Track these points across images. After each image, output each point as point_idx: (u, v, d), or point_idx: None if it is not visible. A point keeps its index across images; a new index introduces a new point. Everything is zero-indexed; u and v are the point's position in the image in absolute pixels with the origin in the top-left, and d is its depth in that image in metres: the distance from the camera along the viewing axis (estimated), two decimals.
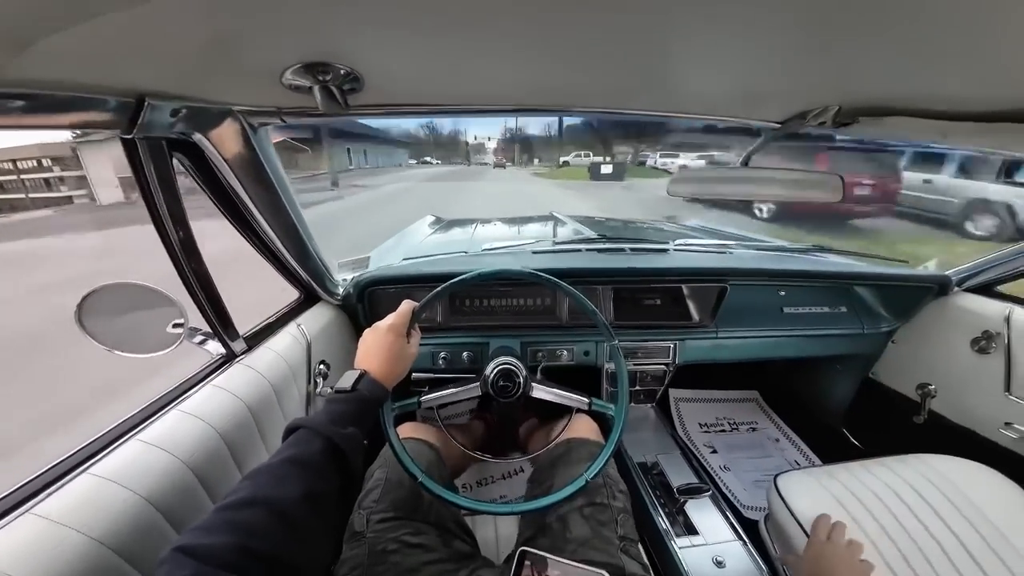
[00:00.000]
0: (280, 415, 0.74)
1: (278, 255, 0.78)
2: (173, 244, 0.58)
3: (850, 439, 1.35)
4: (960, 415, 1.08)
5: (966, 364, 1.06)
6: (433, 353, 1.05)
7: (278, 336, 0.81)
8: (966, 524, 0.73)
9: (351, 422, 0.48)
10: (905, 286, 1.13)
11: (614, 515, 0.68)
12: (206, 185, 0.63)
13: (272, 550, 0.33)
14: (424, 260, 1.17)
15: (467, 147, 71.62)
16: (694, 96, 0.64)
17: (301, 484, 0.38)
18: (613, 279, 1.06)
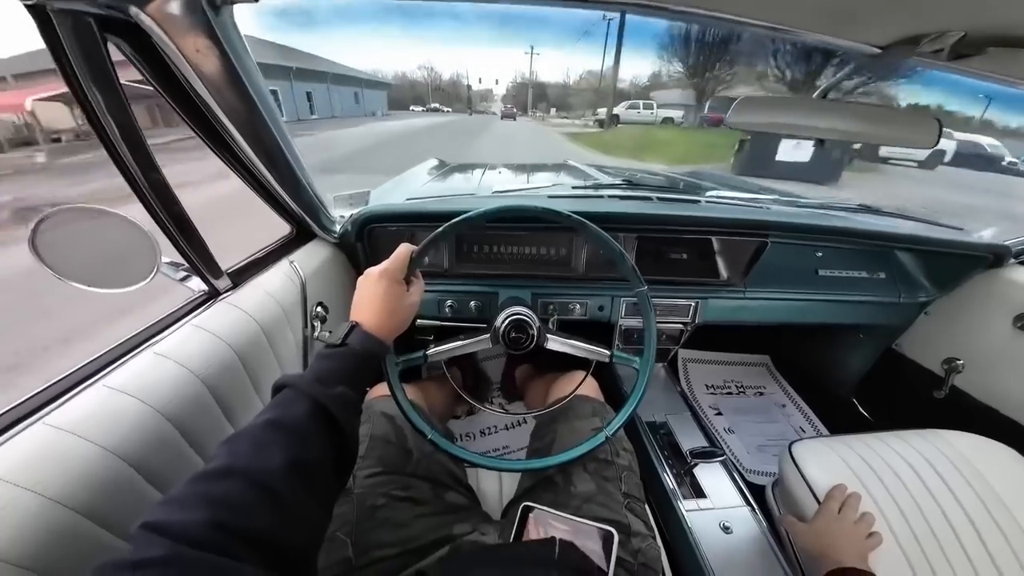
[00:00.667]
0: (274, 361, 0.68)
1: (262, 180, 0.67)
2: (123, 158, 0.47)
3: (860, 410, 1.34)
4: (985, 393, 1.05)
5: (1003, 341, 1.00)
6: (439, 300, 0.98)
7: (268, 273, 0.72)
8: (978, 503, 0.72)
9: (340, 380, 0.42)
10: (956, 254, 1.03)
11: (618, 472, 0.66)
12: (158, 83, 0.50)
13: (253, 526, 0.28)
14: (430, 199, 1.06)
15: (469, 92, 60.05)
16: (799, 3, 0.49)
17: (284, 452, 0.33)
18: (638, 227, 0.95)
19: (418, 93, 64.44)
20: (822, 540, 0.67)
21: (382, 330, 0.49)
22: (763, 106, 0.66)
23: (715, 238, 0.99)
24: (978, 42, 0.49)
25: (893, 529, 0.69)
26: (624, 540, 0.56)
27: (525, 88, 76.51)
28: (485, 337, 0.72)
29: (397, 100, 58.53)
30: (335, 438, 0.39)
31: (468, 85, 61.55)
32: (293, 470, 0.33)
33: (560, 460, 0.63)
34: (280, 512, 0.30)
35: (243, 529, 0.28)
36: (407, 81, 79.07)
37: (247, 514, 0.29)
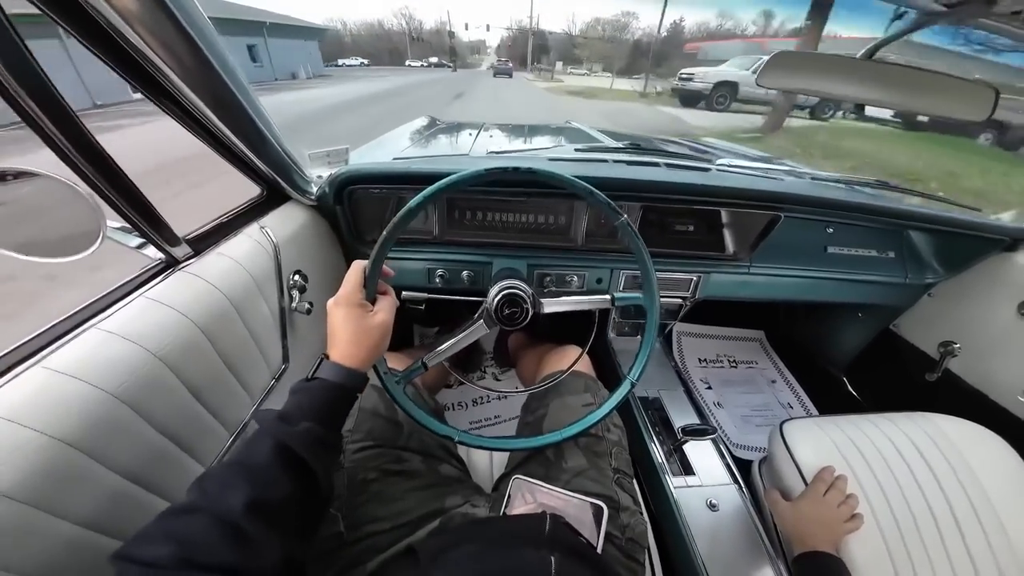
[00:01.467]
0: (247, 335, 0.62)
1: (221, 139, 0.58)
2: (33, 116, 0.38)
3: (848, 389, 1.35)
4: (978, 378, 1.04)
5: (1005, 327, 0.99)
6: (429, 269, 0.92)
7: (234, 240, 0.65)
8: (959, 488, 0.73)
9: (306, 416, 0.42)
10: (971, 235, 0.98)
11: (609, 447, 0.67)
12: (78, 31, 0.41)
13: (216, 561, 0.30)
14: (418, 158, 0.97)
15: (451, 40, 45.42)
16: None
17: (245, 492, 0.34)
18: (644, 194, 0.89)
19: (395, 45, 56.40)
20: (801, 522, 0.69)
21: (352, 359, 0.47)
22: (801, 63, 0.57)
23: (724, 210, 0.93)
24: None
25: (875, 512, 0.71)
26: (613, 515, 0.57)
27: (524, 36, 68.80)
28: (479, 324, 0.69)
29: (369, 55, 52.43)
30: (301, 476, 0.39)
31: (450, 31, 48.65)
32: (254, 508, 0.34)
33: (579, 428, 0.63)
34: (242, 548, 0.32)
35: (206, 564, 0.29)
36: (378, 32, 68.75)
37: (209, 550, 0.30)
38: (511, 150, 1.19)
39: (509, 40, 78.93)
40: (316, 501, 0.41)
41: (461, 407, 1.32)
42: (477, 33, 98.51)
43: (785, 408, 1.33)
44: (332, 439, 0.44)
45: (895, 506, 0.71)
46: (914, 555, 0.67)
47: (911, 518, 0.70)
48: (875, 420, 0.84)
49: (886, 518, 0.70)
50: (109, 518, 0.40)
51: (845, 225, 1.01)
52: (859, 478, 0.74)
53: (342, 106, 10.59)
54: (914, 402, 0.91)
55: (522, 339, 1.30)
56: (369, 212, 0.87)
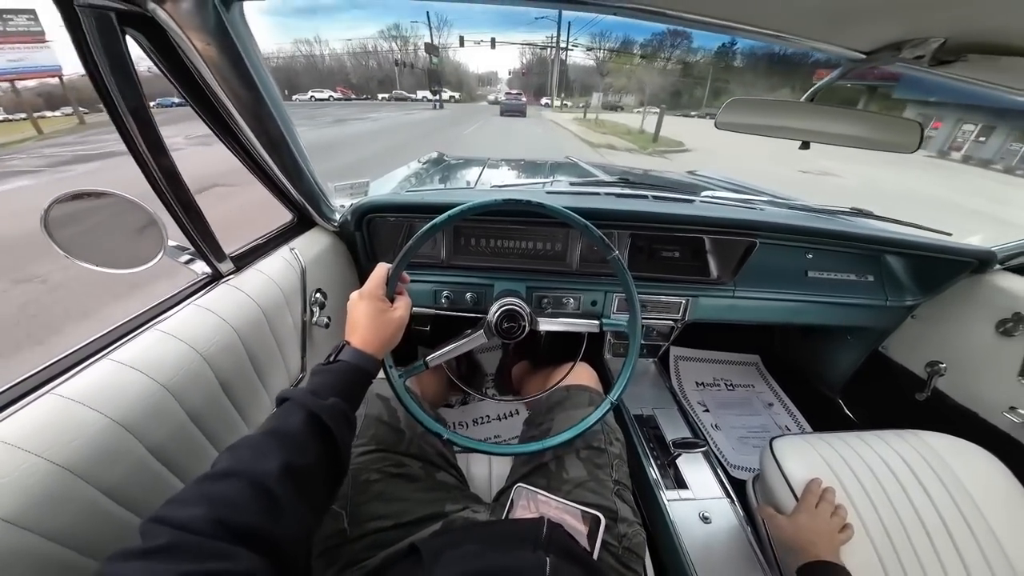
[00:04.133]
0: (273, 343, 0.71)
1: (266, 168, 0.69)
2: (138, 146, 0.49)
3: (844, 411, 1.36)
4: (965, 396, 1.07)
5: (985, 345, 1.03)
6: (435, 291, 1.00)
7: (269, 259, 0.75)
8: (950, 501, 0.74)
9: (332, 392, 0.45)
10: (943, 259, 1.05)
11: (610, 460, 0.68)
12: (172, 74, 0.52)
13: (248, 523, 0.31)
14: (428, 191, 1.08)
15: (432, 62, 32.74)
16: (773, 5, 0.51)
17: (280, 456, 0.36)
18: (632, 224, 0.98)
19: (386, 74, 38.96)
20: (800, 533, 0.69)
21: (370, 346, 0.52)
22: (753, 108, 0.68)
23: (706, 237, 1.02)
24: (958, 49, 0.50)
25: (865, 523, 0.71)
26: (611, 525, 0.58)
27: (541, 64, 50.50)
28: (479, 333, 0.75)
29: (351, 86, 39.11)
30: (328, 446, 0.41)
31: (430, 44, 31.03)
32: (286, 473, 0.36)
33: (564, 438, 0.65)
34: (273, 510, 0.33)
35: (239, 523, 0.31)
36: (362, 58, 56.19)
37: (243, 510, 0.32)
38: (513, 184, 1.31)
39: (523, 68, 68.10)
40: (336, 475, 0.43)
41: (462, 426, 1.35)
42: (487, 62, 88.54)
43: (782, 430, 1.34)
44: (352, 416, 0.46)
45: (885, 518, 0.72)
46: (908, 567, 0.67)
47: (902, 531, 0.71)
48: (864, 437, 0.86)
49: (877, 530, 0.71)
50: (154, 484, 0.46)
51: (823, 251, 1.08)
52: (848, 491, 0.75)
53: None
54: (907, 421, 0.92)
55: (526, 367, 1.34)
56: (384, 237, 0.97)
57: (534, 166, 1.89)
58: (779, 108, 0.67)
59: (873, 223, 1.14)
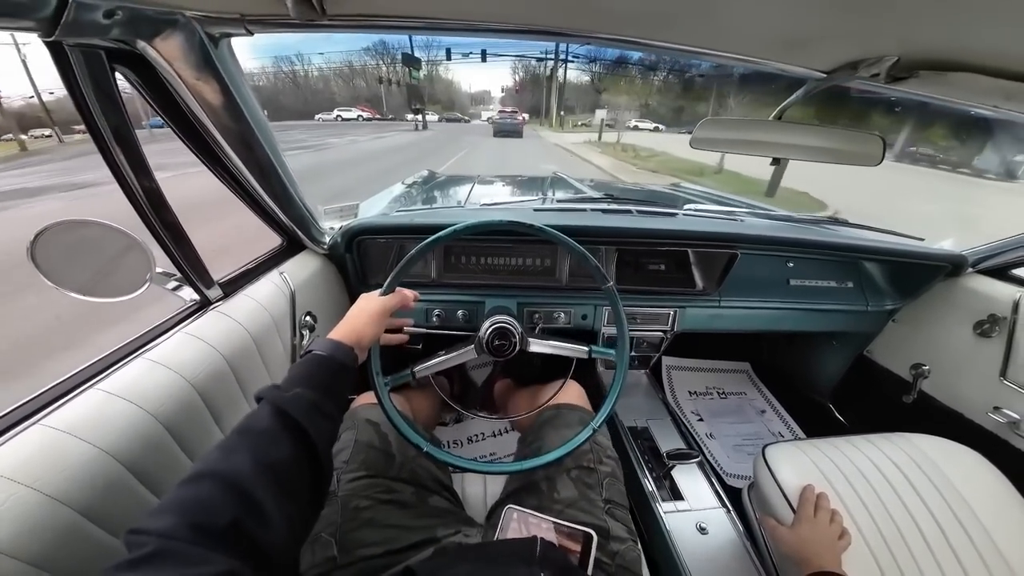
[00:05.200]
0: (263, 368, 0.70)
1: (255, 195, 0.70)
2: (125, 176, 0.50)
3: (835, 415, 1.38)
4: (950, 397, 1.09)
5: (965, 347, 1.05)
6: (426, 310, 1.01)
7: (258, 284, 0.75)
8: (943, 503, 0.74)
9: (298, 384, 0.45)
10: (918, 264, 1.09)
11: (600, 479, 0.68)
12: (161, 108, 0.54)
13: (226, 523, 0.31)
14: (418, 211, 1.10)
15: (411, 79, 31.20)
16: (737, 32, 0.54)
17: (250, 452, 0.36)
18: (617, 240, 1.00)
19: (375, 93, 33.19)
20: (805, 545, 0.68)
21: (340, 333, 0.53)
22: (726, 127, 0.71)
23: (690, 250, 1.04)
24: (910, 66, 0.54)
25: (861, 529, 0.72)
26: (603, 543, 0.58)
27: (536, 79, 46.21)
28: (469, 348, 0.75)
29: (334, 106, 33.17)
30: (300, 439, 0.40)
31: (407, 55, 28.03)
32: (260, 469, 0.35)
33: (547, 460, 0.65)
34: (251, 509, 0.33)
35: (215, 526, 0.30)
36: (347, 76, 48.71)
37: (219, 512, 0.31)
38: (503, 202, 1.32)
39: (516, 85, 63.90)
40: (317, 470, 0.41)
41: (456, 445, 1.34)
42: (479, 80, 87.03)
43: (776, 436, 1.34)
44: (326, 407, 0.45)
45: (880, 523, 0.72)
46: (905, 569, 0.68)
47: (898, 535, 0.71)
48: (855, 442, 0.86)
49: (873, 535, 0.71)
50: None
51: (804, 259, 1.12)
52: (841, 496, 0.76)
53: None
54: (896, 424, 0.93)
55: (508, 384, 1.34)
56: (375, 259, 0.98)
57: (522, 183, 1.93)
58: (749, 126, 0.70)
59: (849, 231, 1.18)
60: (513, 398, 1.17)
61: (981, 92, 0.57)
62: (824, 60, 0.60)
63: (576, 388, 0.88)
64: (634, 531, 0.66)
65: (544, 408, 0.83)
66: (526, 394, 1.06)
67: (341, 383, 0.50)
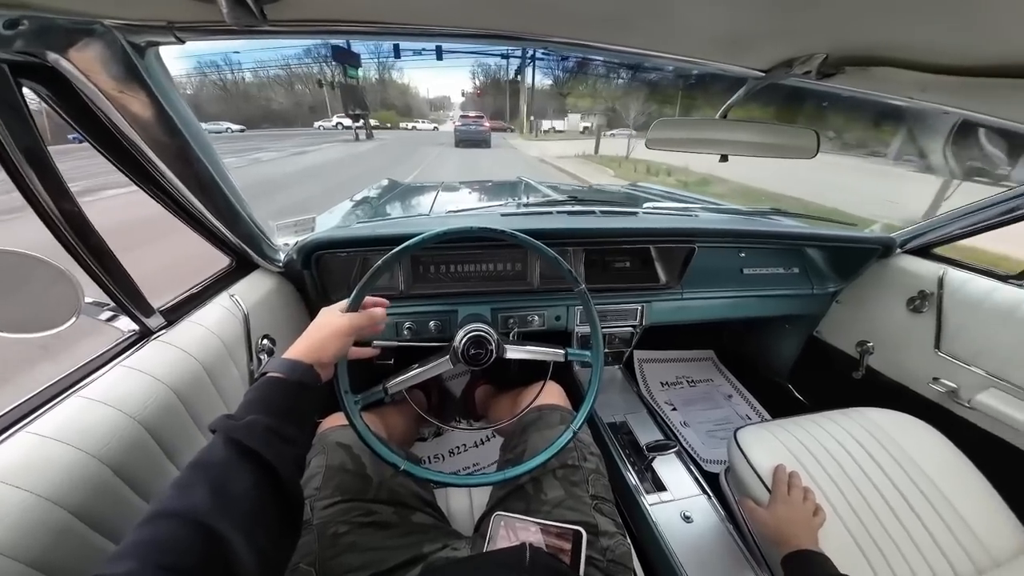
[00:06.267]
0: (218, 399, 0.65)
1: (195, 214, 0.65)
2: (41, 201, 0.45)
3: (795, 394, 1.46)
4: (894, 371, 1.17)
5: (901, 323, 1.14)
6: (396, 323, 0.98)
7: (206, 309, 0.70)
8: (902, 472, 0.79)
9: (252, 409, 0.42)
10: (852, 247, 1.18)
11: (585, 475, 0.68)
12: (80, 125, 0.49)
13: (193, 562, 0.30)
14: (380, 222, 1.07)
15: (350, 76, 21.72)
16: (683, 34, 0.56)
17: (207, 486, 0.35)
18: (584, 240, 1.02)
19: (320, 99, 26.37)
20: (781, 524, 0.70)
21: (297, 351, 0.49)
22: (676, 126, 0.74)
23: (652, 246, 1.08)
24: (838, 62, 0.57)
25: (833, 504, 0.75)
26: (593, 540, 0.58)
27: (498, 84, 42.98)
28: (445, 359, 0.73)
29: (266, 115, 29.89)
30: (260, 469, 0.38)
31: (347, 68, 21.49)
32: (220, 503, 0.34)
33: (530, 466, 0.64)
34: (217, 544, 0.31)
35: (179, 566, 0.29)
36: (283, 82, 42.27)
37: (180, 551, 0.30)
38: (468, 208, 1.32)
39: (477, 89, 56.77)
40: (284, 499, 0.39)
41: (438, 459, 1.30)
42: (437, 84, 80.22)
43: (744, 419, 1.41)
44: (286, 431, 0.42)
45: (848, 495, 0.76)
46: (877, 539, 0.71)
47: (865, 505, 0.75)
48: (816, 419, 0.91)
49: (844, 508, 0.75)
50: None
51: (753, 249, 1.18)
52: (811, 473, 0.79)
53: None
54: (849, 399, 0.99)
55: (489, 390, 1.33)
56: (337, 274, 0.94)
57: (489, 188, 1.93)
58: (698, 125, 0.74)
59: (791, 220, 1.27)
60: (495, 403, 1.16)
61: (899, 85, 0.61)
62: (762, 59, 0.63)
63: (556, 388, 0.88)
64: (622, 525, 0.66)
65: (527, 412, 0.82)
66: (507, 398, 1.05)
67: (302, 404, 0.47)
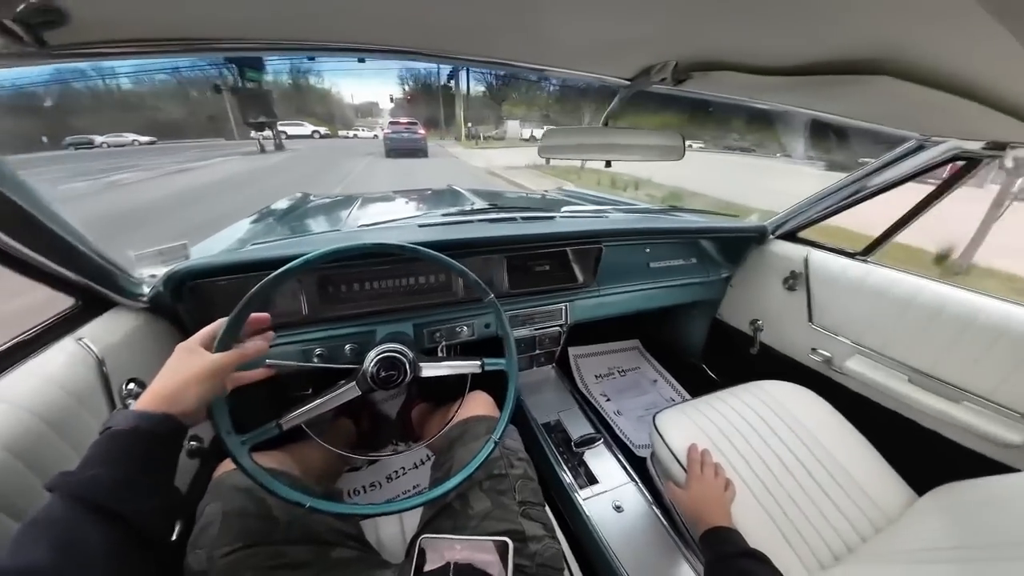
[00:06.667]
0: (72, 454, 0.55)
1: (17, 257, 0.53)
2: None
3: (709, 373, 1.62)
4: (781, 344, 1.32)
5: (781, 301, 1.29)
6: (305, 351, 0.89)
7: (44, 356, 0.58)
8: (795, 438, 0.88)
9: (95, 465, 0.39)
10: (735, 236, 1.34)
11: (512, 483, 0.68)
12: None
13: None
14: (281, 242, 0.97)
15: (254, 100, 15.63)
16: (544, 45, 0.58)
17: (46, 544, 0.32)
18: (505, 247, 1.03)
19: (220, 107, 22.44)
20: (696, 503, 0.75)
21: (152, 401, 0.44)
22: (566, 134, 0.78)
23: (568, 248, 1.12)
24: (686, 68, 0.61)
25: (742, 476, 0.81)
26: (521, 547, 0.58)
27: (429, 88, 41.23)
28: (351, 386, 0.68)
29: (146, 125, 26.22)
30: (109, 520, 0.36)
31: (243, 70, 15.27)
32: (63, 564, 0.32)
33: (452, 484, 0.62)
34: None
35: None
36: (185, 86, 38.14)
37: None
38: (384, 221, 1.25)
39: (407, 94, 52.89)
40: (150, 554, 0.38)
41: (374, 487, 1.21)
42: (361, 90, 75.38)
43: (668, 401, 1.52)
44: (140, 483, 0.40)
45: (754, 465, 0.83)
46: (784, 507, 0.78)
47: (769, 472, 0.82)
48: (722, 396, 1.00)
49: (751, 478, 0.81)
50: None
51: (656, 244, 1.29)
52: (720, 449, 0.85)
53: None
54: (749, 373, 1.10)
55: (425, 408, 1.28)
56: (221, 305, 0.82)
57: (412, 198, 1.87)
58: (583, 133, 0.78)
59: (685, 216, 1.41)
60: (430, 421, 1.12)
61: (739, 87, 0.68)
62: (625, 68, 0.67)
63: (483, 398, 0.87)
64: (551, 526, 0.67)
65: (451, 427, 0.80)
66: (440, 414, 1.01)
67: (159, 455, 0.43)
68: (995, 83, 0.47)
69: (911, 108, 0.67)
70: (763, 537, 0.73)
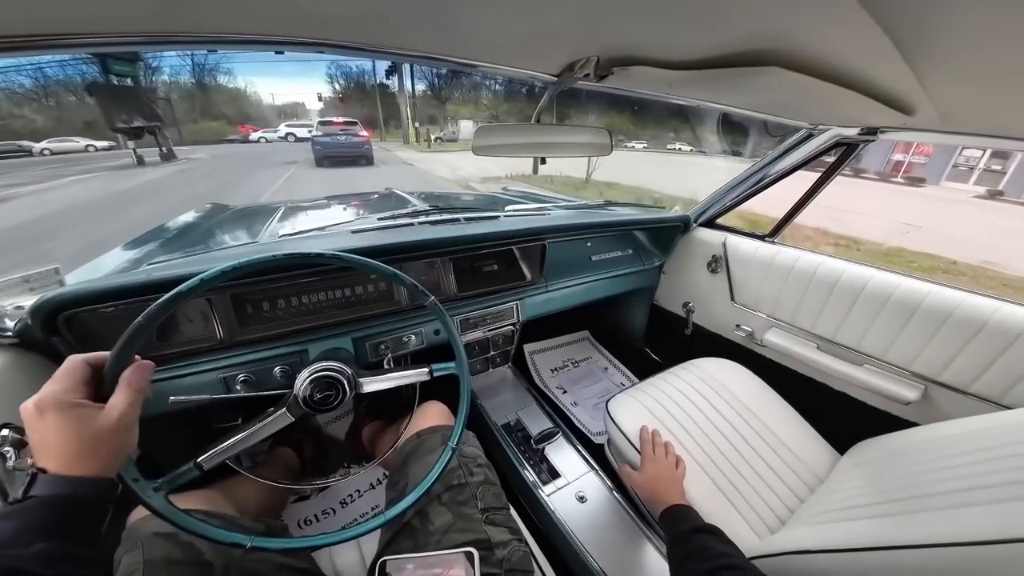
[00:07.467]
0: None
1: None
2: None
3: (652, 356, 1.72)
4: (710, 324, 1.44)
5: (707, 283, 1.42)
6: (225, 378, 0.79)
7: None
8: (733, 412, 0.94)
9: (37, 537, 0.34)
10: (663, 227, 1.44)
11: (473, 491, 0.67)
12: None
13: None
14: (184, 259, 0.84)
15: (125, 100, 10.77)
16: (466, 37, 0.56)
17: None
18: (450, 249, 0.99)
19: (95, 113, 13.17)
20: (651, 484, 0.78)
21: (80, 467, 0.38)
22: (499, 132, 0.76)
23: (514, 247, 1.12)
24: (607, 64, 0.62)
25: (690, 452, 0.85)
26: (487, 554, 0.57)
27: (362, 88, 38.25)
28: (280, 412, 0.61)
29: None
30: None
31: (110, 63, 11.36)
32: None
33: (409, 501, 0.59)
34: None
35: None
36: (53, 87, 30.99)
37: None
38: (310, 229, 1.15)
39: (340, 93, 45.46)
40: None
41: (329, 513, 1.11)
42: (283, 89, 66.80)
43: (619, 387, 1.59)
44: (80, 554, 0.36)
45: (699, 440, 0.88)
46: (730, 477, 0.82)
47: (713, 446, 0.87)
48: (665, 376, 1.06)
49: (698, 453, 0.86)
50: None
51: (595, 237, 1.34)
52: (668, 428, 0.90)
53: None
54: (686, 353, 1.19)
55: (377, 426, 1.21)
56: (108, 336, 0.69)
57: (346, 203, 1.75)
58: (515, 130, 0.78)
59: (619, 210, 1.48)
60: (382, 438, 1.05)
61: (654, 82, 0.70)
62: (550, 64, 0.66)
63: (437, 407, 0.83)
64: (517, 529, 0.66)
65: (404, 442, 0.75)
66: (392, 430, 0.96)
67: (96, 523, 0.39)
68: (865, 71, 0.52)
69: (800, 98, 0.75)
70: (714, 509, 0.77)
